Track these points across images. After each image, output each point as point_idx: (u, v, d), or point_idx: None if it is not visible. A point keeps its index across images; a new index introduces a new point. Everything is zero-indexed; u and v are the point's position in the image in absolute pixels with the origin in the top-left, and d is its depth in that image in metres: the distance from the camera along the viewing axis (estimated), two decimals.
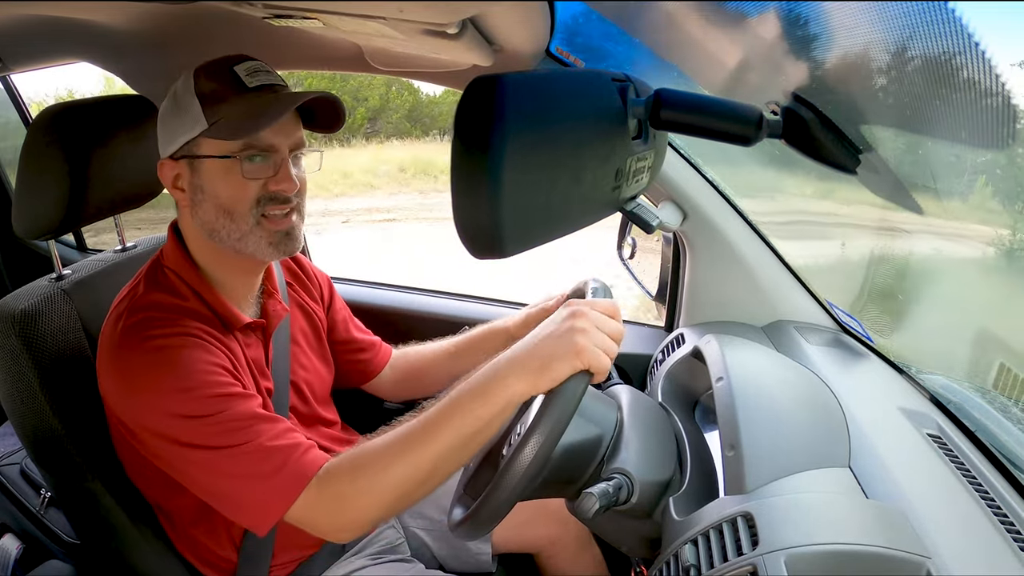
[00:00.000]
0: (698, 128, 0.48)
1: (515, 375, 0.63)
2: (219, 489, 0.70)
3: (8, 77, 1.60)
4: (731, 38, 0.70)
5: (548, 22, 0.78)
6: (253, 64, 0.76)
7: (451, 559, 1.04)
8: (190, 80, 0.74)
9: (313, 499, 0.67)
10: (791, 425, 0.71)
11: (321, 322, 1.00)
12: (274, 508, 0.68)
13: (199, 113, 0.73)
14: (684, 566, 0.59)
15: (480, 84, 0.40)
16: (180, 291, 0.78)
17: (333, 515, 0.68)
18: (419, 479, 0.66)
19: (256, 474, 0.68)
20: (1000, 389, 0.80)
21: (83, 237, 1.71)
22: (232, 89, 0.73)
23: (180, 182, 0.77)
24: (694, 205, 1.04)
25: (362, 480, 0.66)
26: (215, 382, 0.71)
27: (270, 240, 0.77)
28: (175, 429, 0.68)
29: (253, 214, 0.76)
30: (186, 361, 0.70)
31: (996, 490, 0.63)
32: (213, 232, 0.77)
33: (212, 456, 0.68)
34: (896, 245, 1.03)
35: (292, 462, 0.68)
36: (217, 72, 0.74)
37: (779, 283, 1.05)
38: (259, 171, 0.75)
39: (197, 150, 0.75)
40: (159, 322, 0.73)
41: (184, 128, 0.74)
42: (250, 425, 0.69)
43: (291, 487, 0.67)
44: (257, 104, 0.73)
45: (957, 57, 0.44)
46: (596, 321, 0.64)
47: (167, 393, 0.69)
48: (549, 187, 0.45)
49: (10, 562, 1.00)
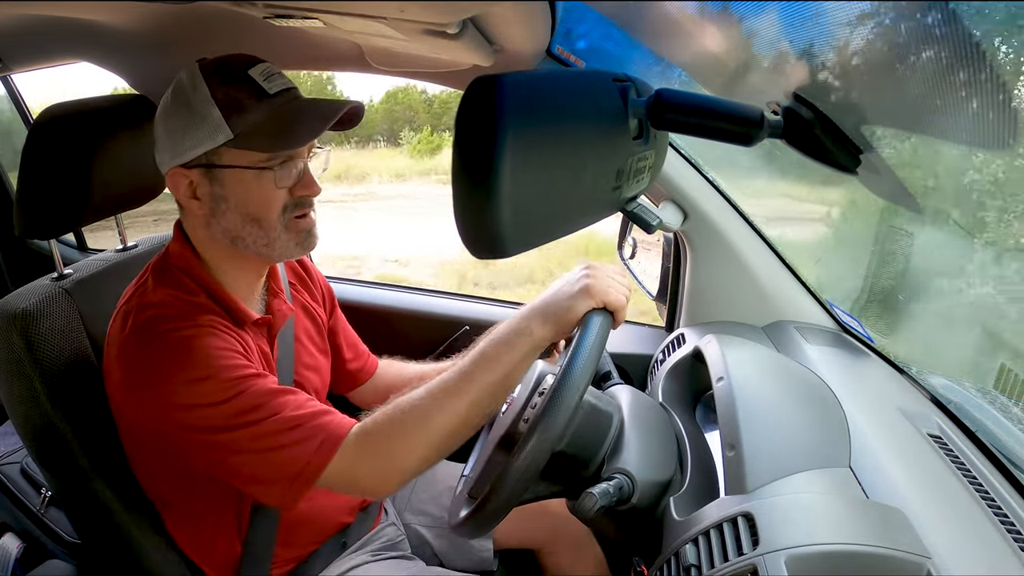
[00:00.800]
0: (699, 128, 0.48)
1: (536, 323, 0.69)
2: (249, 469, 0.70)
3: (9, 77, 1.60)
4: (732, 38, 0.70)
5: (548, 22, 0.78)
6: (266, 67, 0.74)
7: (452, 556, 1.04)
8: (201, 85, 0.72)
9: (351, 456, 0.69)
10: (791, 425, 0.71)
11: (323, 323, 1.00)
12: (309, 472, 0.68)
13: (220, 122, 0.71)
14: (685, 566, 0.59)
15: (481, 84, 0.40)
16: (189, 287, 0.78)
17: (374, 469, 0.69)
18: (455, 427, 0.69)
19: (286, 443, 0.68)
20: (1001, 389, 0.80)
21: (84, 237, 1.71)
22: (254, 96, 0.72)
23: (195, 191, 0.75)
24: (695, 205, 1.04)
25: (401, 432, 0.69)
26: (231, 365, 0.71)
27: (296, 241, 0.78)
28: (198, 418, 0.68)
29: (281, 220, 0.76)
30: (201, 350, 0.70)
31: (996, 490, 0.63)
32: (237, 239, 0.77)
33: (238, 436, 0.68)
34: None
35: (321, 426, 0.69)
36: (234, 77, 0.72)
37: (779, 283, 1.05)
38: (288, 179, 0.75)
39: (218, 160, 0.73)
40: (170, 316, 0.73)
41: (202, 137, 0.72)
42: (272, 399, 0.70)
43: (325, 449, 0.68)
44: (284, 112, 0.73)
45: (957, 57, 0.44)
46: (606, 271, 0.71)
47: (186, 384, 0.68)
48: (550, 187, 0.45)
49: (11, 561, 1.00)
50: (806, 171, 0.97)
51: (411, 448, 0.69)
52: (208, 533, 0.84)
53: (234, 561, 0.86)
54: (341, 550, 0.94)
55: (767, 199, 1.24)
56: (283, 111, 0.73)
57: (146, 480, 0.84)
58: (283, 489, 0.69)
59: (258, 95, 0.72)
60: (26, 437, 0.85)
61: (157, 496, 0.85)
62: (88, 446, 0.83)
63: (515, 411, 0.75)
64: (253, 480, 0.70)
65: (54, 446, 0.82)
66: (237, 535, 0.85)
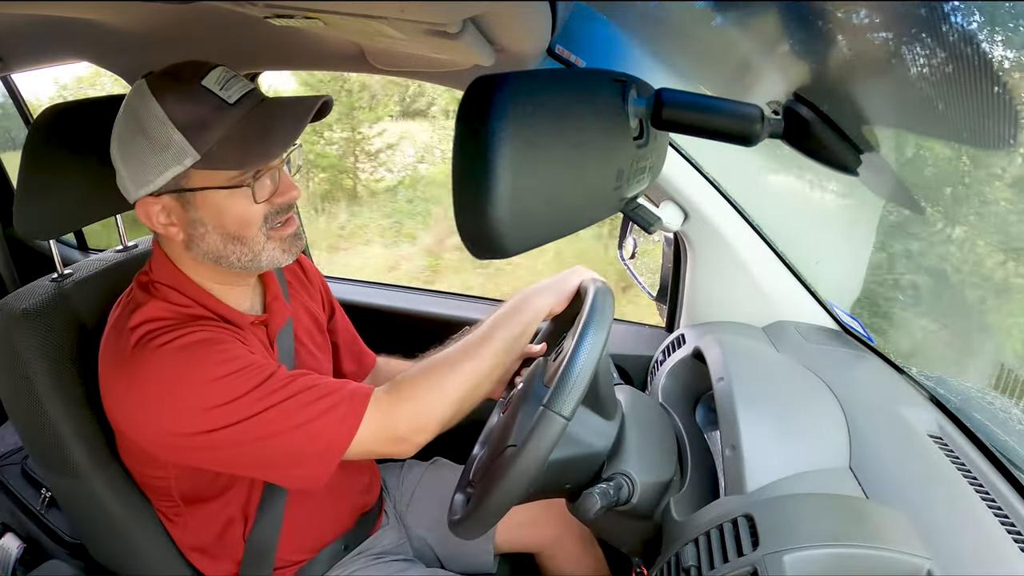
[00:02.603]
0: (699, 128, 0.48)
1: (537, 295, 0.80)
2: (275, 452, 0.69)
3: (9, 77, 1.60)
4: (732, 38, 0.70)
5: (549, 22, 0.78)
6: (220, 73, 0.69)
7: (453, 560, 1.04)
8: (155, 107, 0.66)
9: (386, 404, 0.72)
10: (791, 425, 0.71)
11: (322, 321, 1.00)
12: (346, 430, 0.70)
13: (184, 144, 0.66)
14: (685, 566, 0.59)
15: (481, 84, 0.40)
16: (179, 301, 0.76)
17: (410, 413, 0.72)
18: (480, 376, 0.76)
19: (323, 409, 0.69)
20: (1001, 389, 0.80)
21: (84, 237, 1.71)
22: (214, 109, 0.67)
23: (170, 218, 0.72)
24: (695, 205, 1.04)
25: (434, 375, 0.74)
26: (244, 355, 0.71)
27: (283, 248, 0.76)
28: (217, 418, 0.67)
29: (263, 232, 0.73)
30: (209, 348, 0.69)
31: (997, 490, 0.63)
32: (221, 259, 0.74)
33: (261, 420, 0.67)
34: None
35: (347, 390, 0.72)
36: (187, 93, 0.67)
37: (779, 283, 1.05)
38: (266, 190, 0.72)
39: (188, 183, 0.69)
40: (166, 328, 0.70)
41: (166, 163, 0.67)
42: (291, 381, 0.70)
43: (358, 401, 0.71)
44: (250, 121, 0.68)
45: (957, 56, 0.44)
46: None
47: (209, 384, 0.67)
48: (550, 187, 0.45)
49: (11, 561, 1.00)
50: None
51: (444, 392, 0.73)
52: (208, 538, 0.84)
53: (235, 565, 0.85)
54: (342, 554, 0.94)
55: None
56: (249, 120, 0.68)
57: (146, 488, 0.83)
58: (314, 464, 0.70)
59: (218, 106, 0.67)
60: (25, 437, 0.84)
61: (156, 501, 0.85)
62: (87, 447, 0.83)
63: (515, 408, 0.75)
64: (281, 462, 0.70)
65: (52, 446, 0.82)
66: (239, 540, 0.85)
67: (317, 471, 0.70)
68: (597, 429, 0.73)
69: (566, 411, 0.61)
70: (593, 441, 0.72)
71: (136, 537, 0.84)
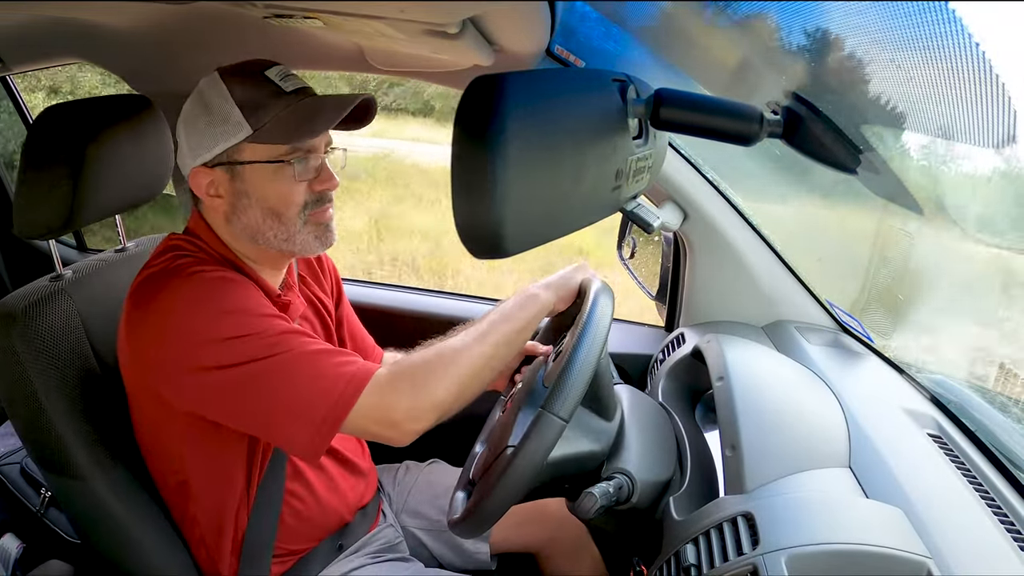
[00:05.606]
0: (698, 128, 0.48)
1: (542, 291, 0.80)
2: (282, 402, 0.70)
3: (8, 77, 1.60)
4: (732, 37, 0.70)
5: (548, 22, 0.78)
6: (281, 69, 0.78)
7: (450, 558, 1.04)
8: (221, 87, 0.75)
9: (385, 385, 0.71)
10: (791, 425, 0.71)
11: (331, 315, 1.00)
12: (344, 401, 0.69)
13: (240, 120, 0.74)
14: (684, 566, 0.59)
15: (481, 84, 0.40)
16: (213, 258, 0.79)
17: (409, 400, 0.71)
18: (480, 367, 0.75)
19: (323, 370, 0.70)
20: (1001, 389, 0.80)
21: (83, 237, 1.71)
22: (271, 94, 0.75)
23: (217, 189, 0.78)
24: (694, 205, 1.04)
25: (435, 363, 0.74)
26: (261, 305, 0.73)
27: (316, 234, 0.80)
28: (230, 353, 0.69)
29: (301, 216, 0.78)
30: (231, 288, 0.72)
31: (996, 490, 0.63)
32: (258, 234, 0.79)
33: (274, 363, 0.69)
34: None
35: (354, 361, 0.72)
36: (250, 78, 0.76)
37: (779, 283, 1.05)
38: (307, 172, 0.77)
39: (239, 156, 0.76)
40: (197, 261, 0.75)
41: (223, 135, 0.75)
42: (305, 336, 0.72)
43: (359, 377, 0.70)
44: (301, 108, 0.75)
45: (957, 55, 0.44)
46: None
47: (219, 316, 0.69)
48: (549, 187, 0.45)
49: (11, 561, 1.00)
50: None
51: (443, 381, 0.73)
52: (207, 532, 0.84)
53: (234, 559, 0.85)
54: (338, 551, 0.94)
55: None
56: (300, 106, 0.76)
57: (154, 458, 0.83)
58: (316, 426, 0.70)
59: (276, 93, 0.75)
60: (26, 437, 0.84)
61: (163, 491, 0.85)
62: (87, 446, 0.83)
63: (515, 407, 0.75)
64: (285, 416, 0.70)
65: (52, 446, 0.82)
66: (236, 533, 0.85)
67: (315, 439, 0.70)
68: (597, 429, 0.73)
69: (564, 413, 0.61)
70: (593, 441, 0.72)
71: (136, 536, 0.84)
